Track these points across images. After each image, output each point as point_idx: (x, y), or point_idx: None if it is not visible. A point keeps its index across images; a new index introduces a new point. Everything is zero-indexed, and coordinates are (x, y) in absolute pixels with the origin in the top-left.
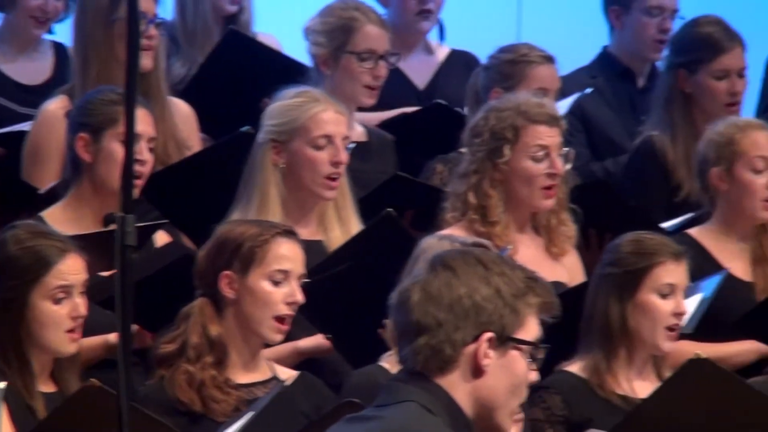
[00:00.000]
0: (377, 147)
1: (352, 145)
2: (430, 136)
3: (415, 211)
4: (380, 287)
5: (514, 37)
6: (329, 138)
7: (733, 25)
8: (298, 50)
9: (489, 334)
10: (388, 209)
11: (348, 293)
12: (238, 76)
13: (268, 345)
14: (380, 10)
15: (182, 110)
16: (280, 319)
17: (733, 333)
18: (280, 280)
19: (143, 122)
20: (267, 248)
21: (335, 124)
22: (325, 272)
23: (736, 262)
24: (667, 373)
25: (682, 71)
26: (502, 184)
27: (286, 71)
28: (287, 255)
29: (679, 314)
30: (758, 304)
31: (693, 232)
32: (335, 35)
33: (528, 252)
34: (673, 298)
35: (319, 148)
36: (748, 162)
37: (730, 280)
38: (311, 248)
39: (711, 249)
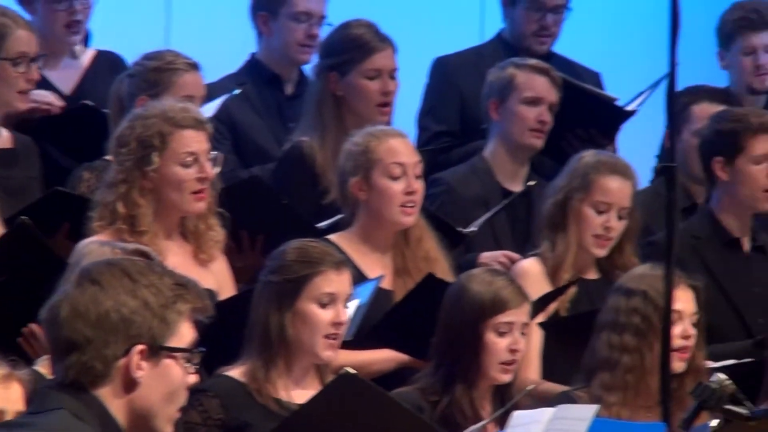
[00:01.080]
0: (23, 152)
1: None
2: (77, 139)
3: (71, 223)
4: (22, 296)
5: (162, 42)
6: None
7: (385, 30)
8: None
9: (140, 347)
10: (22, 217)
11: None
12: None
13: None
14: (26, 16)
15: None
16: None
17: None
18: None
19: None
20: None
21: None
22: None
23: (378, 271)
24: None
25: (333, 74)
26: (152, 193)
27: None
28: None
29: (338, 324)
30: (386, 314)
31: (334, 238)
32: None
33: (176, 260)
34: (332, 308)
35: None
36: (384, 169)
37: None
38: None
39: (353, 256)
